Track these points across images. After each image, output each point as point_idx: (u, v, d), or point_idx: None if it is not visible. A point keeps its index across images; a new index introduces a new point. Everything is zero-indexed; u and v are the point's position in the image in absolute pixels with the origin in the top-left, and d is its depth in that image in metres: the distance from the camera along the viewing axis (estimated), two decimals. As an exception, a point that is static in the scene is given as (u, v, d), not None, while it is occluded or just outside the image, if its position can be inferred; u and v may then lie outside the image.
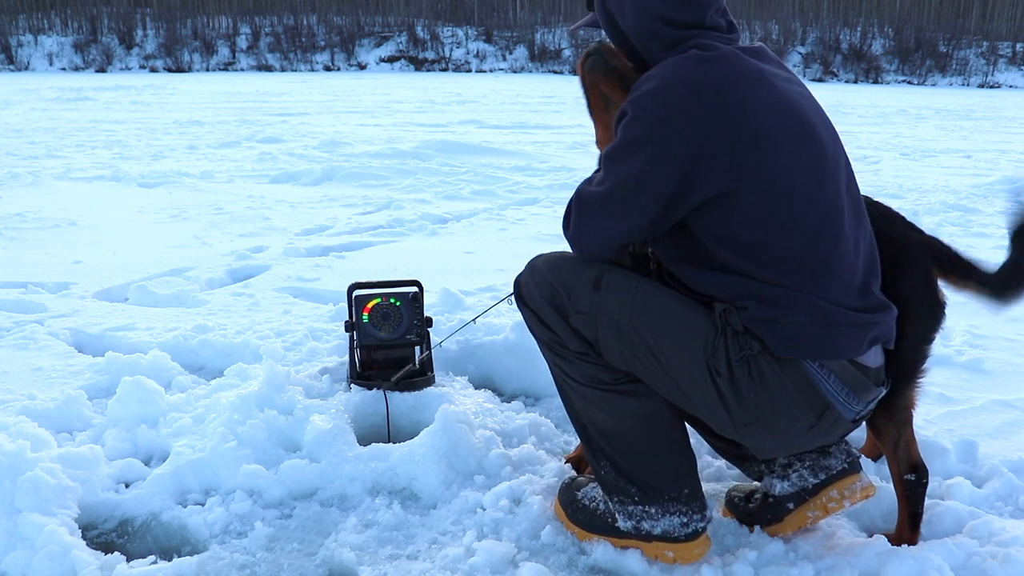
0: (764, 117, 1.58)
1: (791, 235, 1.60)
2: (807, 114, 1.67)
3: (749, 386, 1.62)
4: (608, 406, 1.78)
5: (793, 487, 1.89)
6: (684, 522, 1.79)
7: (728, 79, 1.58)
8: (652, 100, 1.58)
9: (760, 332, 1.61)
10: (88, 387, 2.66)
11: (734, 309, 1.63)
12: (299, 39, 38.95)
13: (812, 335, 1.60)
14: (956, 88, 33.64)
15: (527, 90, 22.24)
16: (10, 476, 1.93)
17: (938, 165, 8.96)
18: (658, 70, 1.62)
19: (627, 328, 1.70)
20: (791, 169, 1.60)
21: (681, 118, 1.56)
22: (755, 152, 1.57)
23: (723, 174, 1.57)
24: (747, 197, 1.58)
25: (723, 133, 1.55)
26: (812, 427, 1.67)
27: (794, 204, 1.60)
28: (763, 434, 1.69)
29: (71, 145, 9.40)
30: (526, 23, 40.15)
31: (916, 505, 1.87)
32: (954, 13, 39.12)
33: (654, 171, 1.59)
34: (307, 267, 4.32)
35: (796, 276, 1.61)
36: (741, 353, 1.61)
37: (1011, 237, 1.80)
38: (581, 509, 1.92)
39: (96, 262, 4.38)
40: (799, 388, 1.62)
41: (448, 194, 6.62)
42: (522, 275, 1.89)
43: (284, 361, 2.75)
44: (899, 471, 1.87)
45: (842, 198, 1.67)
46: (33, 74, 32.65)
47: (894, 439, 1.86)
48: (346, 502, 2.08)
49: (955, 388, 2.77)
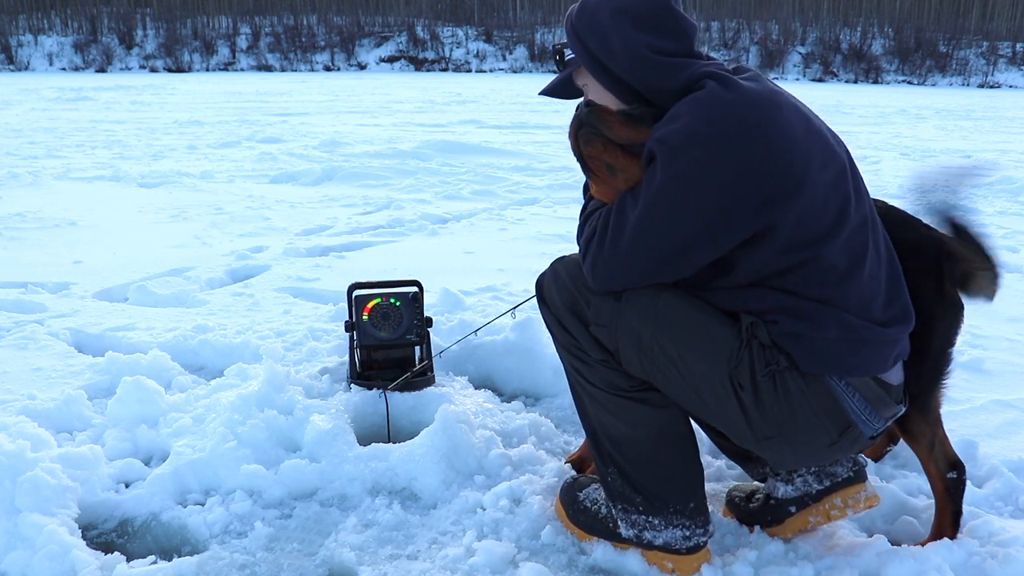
0: (798, 142, 1.56)
1: (826, 251, 1.58)
2: (823, 128, 1.66)
3: (773, 400, 1.61)
4: (623, 413, 1.76)
5: (797, 491, 1.89)
6: (686, 535, 1.78)
7: (757, 110, 1.53)
8: (686, 140, 1.52)
9: (787, 346, 1.60)
10: (88, 387, 2.66)
11: (762, 323, 1.61)
12: (299, 39, 38.97)
13: (840, 351, 1.59)
14: (956, 88, 33.64)
15: (527, 90, 22.24)
16: (10, 476, 1.93)
17: (938, 165, 8.96)
18: (683, 108, 1.55)
19: (648, 341, 1.67)
20: (825, 188, 1.59)
21: (720, 156, 1.51)
22: (796, 179, 1.54)
23: (767, 207, 1.54)
24: (788, 225, 1.56)
25: (764, 167, 1.51)
26: (833, 444, 1.66)
27: (828, 221, 1.58)
28: (783, 448, 1.68)
29: (71, 145, 9.40)
30: (526, 23, 40.17)
31: (958, 503, 1.88)
32: (954, 13, 39.14)
33: (700, 223, 1.55)
34: (307, 267, 4.32)
35: (830, 290, 1.59)
36: (768, 368, 1.59)
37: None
38: (583, 510, 1.92)
39: (96, 262, 4.38)
40: (823, 405, 1.61)
41: (448, 194, 6.62)
42: (544, 277, 1.87)
43: (284, 361, 2.75)
44: (939, 471, 1.87)
45: (864, 207, 1.67)
46: (33, 74, 32.66)
47: (929, 441, 1.86)
48: (346, 502, 2.08)
49: (955, 388, 2.76)
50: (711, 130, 1.51)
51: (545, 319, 1.88)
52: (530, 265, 4.15)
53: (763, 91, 1.58)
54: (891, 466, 2.26)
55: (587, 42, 1.71)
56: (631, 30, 1.65)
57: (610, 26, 1.66)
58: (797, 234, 1.56)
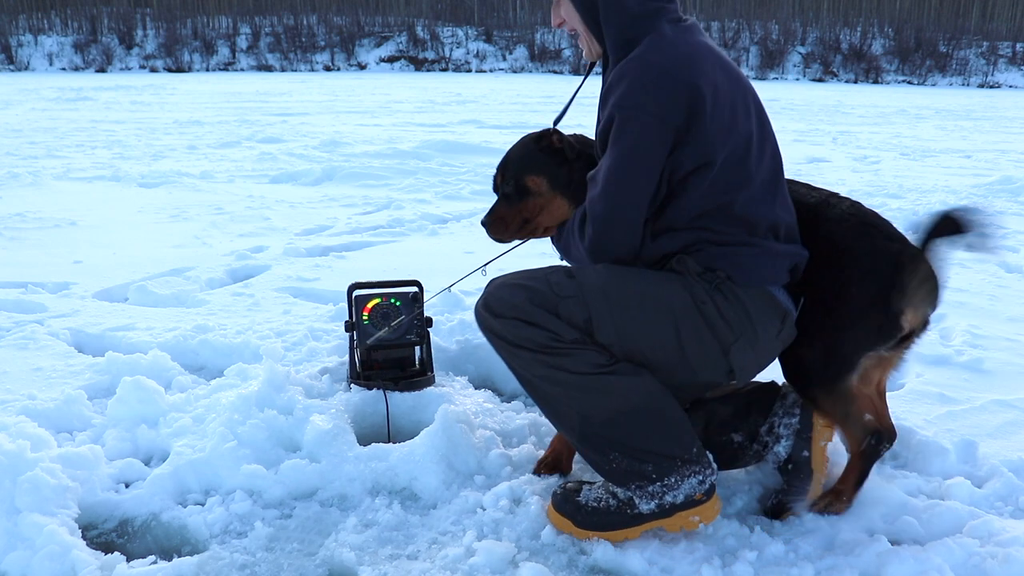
0: (725, 92, 1.82)
1: (746, 195, 1.84)
2: (742, 77, 1.91)
3: (728, 307, 1.84)
4: (612, 388, 1.81)
5: (790, 435, 2.01)
6: (700, 480, 1.87)
7: (691, 65, 1.79)
8: (631, 97, 1.79)
9: (719, 264, 1.85)
10: (88, 387, 2.66)
11: (686, 256, 1.86)
12: (299, 39, 38.94)
13: (757, 264, 1.87)
14: (956, 88, 33.63)
15: (527, 90, 22.23)
16: (10, 476, 1.93)
17: (938, 165, 8.96)
18: (626, 68, 1.81)
19: (614, 292, 1.83)
20: (749, 132, 1.85)
21: (661, 105, 1.77)
22: (725, 126, 1.81)
23: (704, 147, 1.80)
24: (719, 167, 1.82)
25: (699, 111, 1.77)
26: (779, 332, 1.90)
27: (750, 165, 1.85)
28: (746, 349, 1.87)
29: (71, 145, 9.39)
30: (526, 23, 40.14)
31: (866, 465, 2.00)
32: (954, 13, 39.11)
33: (646, 143, 1.79)
34: (307, 267, 4.32)
35: (744, 230, 1.86)
36: (713, 284, 1.83)
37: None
38: (591, 512, 1.91)
39: (96, 262, 4.38)
40: (766, 301, 1.87)
41: (448, 194, 6.62)
42: (482, 299, 1.91)
43: (284, 361, 2.75)
44: (854, 436, 1.98)
45: (779, 165, 1.94)
46: (33, 74, 32.64)
47: (842, 414, 1.97)
48: (346, 502, 2.08)
49: (955, 388, 2.77)
50: (649, 84, 1.78)
51: (501, 333, 1.86)
52: (530, 265, 4.14)
53: (701, 46, 1.85)
54: (891, 466, 2.26)
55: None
56: None
57: None
58: (725, 176, 1.83)
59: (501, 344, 1.88)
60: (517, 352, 1.85)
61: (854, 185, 7.18)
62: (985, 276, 4.27)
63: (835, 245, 1.92)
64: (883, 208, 5.75)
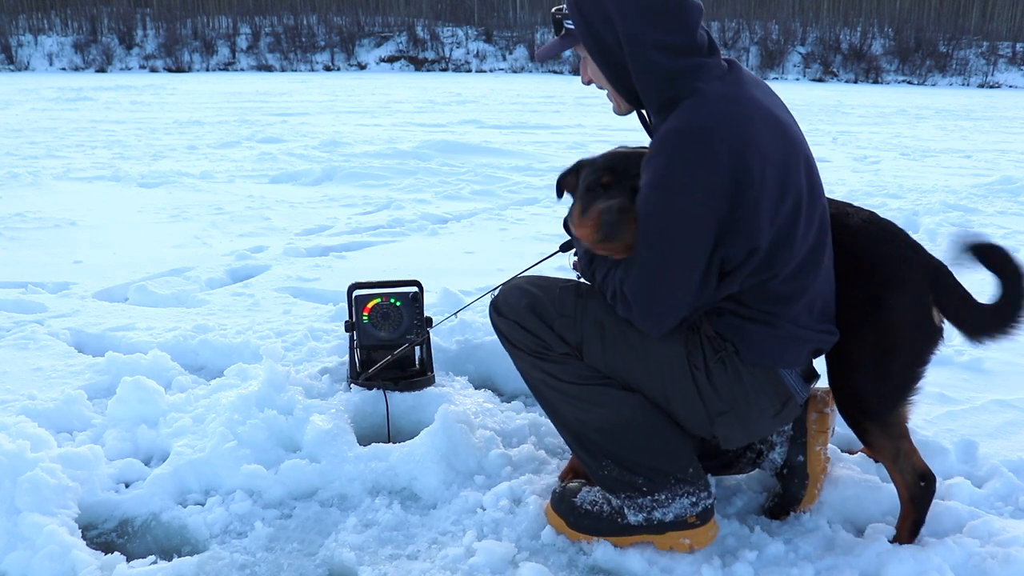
0: (775, 160, 1.65)
1: (787, 271, 1.71)
2: (791, 128, 1.75)
3: (724, 380, 1.76)
4: (604, 399, 1.81)
5: (783, 442, 2.00)
6: (693, 502, 1.83)
7: (736, 135, 1.62)
8: (671, 179, 1.63)
9: (731, 336, 1.75)
10: (88, 387, 2.66)
11: (704, 318, 1.77)
12: (299, 39, 38.92)
13: (774, 347, 1.76)
14: (956, 88, 33.62)
15: (527, 90, 22.23)
16: (10, 476, 1.93)
17: (938, 165, 8.95)
18: (665, 139, 1.65)
19: (611, 327, 1.78)
20: (799, 196, 1.70)
21: (702, 188, 1.61)
22: (774, 203, 1.66)
23: (751, 234, 1.66)
24: (764, 250, 1.68)
25: (746, 193, 1.62)
26: (777, 415, 1.83)
27: (796, 238, 1.70)
28: (734, 423, 1.80)
29: (71, 145, 9.39)
30: (526, 23, 40.13)
31: (921, 512, 1.88)
32: (954, 13, 39.08)
33: (688, 229, 1.65)
34: (307, 267, 4.32)
35: (776, 306, 1.74)
36: (717, 355, 1.75)
37: (998, 272, 1.81)
38: (584, 514, 1.91)
39: (96, 262, 4.38)
40: (769, 382, 1.78)
41: (448, 194, 6.62)
42: (499, 295, 1.94)
43: (284, 361, 2.75)
44: (905, 481, 1.88)
45: (826, 228, 1.79)
46: (33, 74, 32.63)
47: (893, 453, 1.87)
48: (346, 502, 2.08)
49: (955, 388, 2.77)
50: (690, 174, 1.62)
51: (504, 331, 1.91)
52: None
53: (749, 105, 1.67)
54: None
55: (591, 24, 1.74)
56: (637, 20, 1.67)
57: (614, 11, 1.69)
58: (768, 260, 1.68)
59: (504, 342, 1.94)
60: (516, 352, 1.92)
61: (854, 185, 7.17)
62: (985, 276, 4.26)
63: (857, 255, 1.84)
64: (883, 208, 5.75)
